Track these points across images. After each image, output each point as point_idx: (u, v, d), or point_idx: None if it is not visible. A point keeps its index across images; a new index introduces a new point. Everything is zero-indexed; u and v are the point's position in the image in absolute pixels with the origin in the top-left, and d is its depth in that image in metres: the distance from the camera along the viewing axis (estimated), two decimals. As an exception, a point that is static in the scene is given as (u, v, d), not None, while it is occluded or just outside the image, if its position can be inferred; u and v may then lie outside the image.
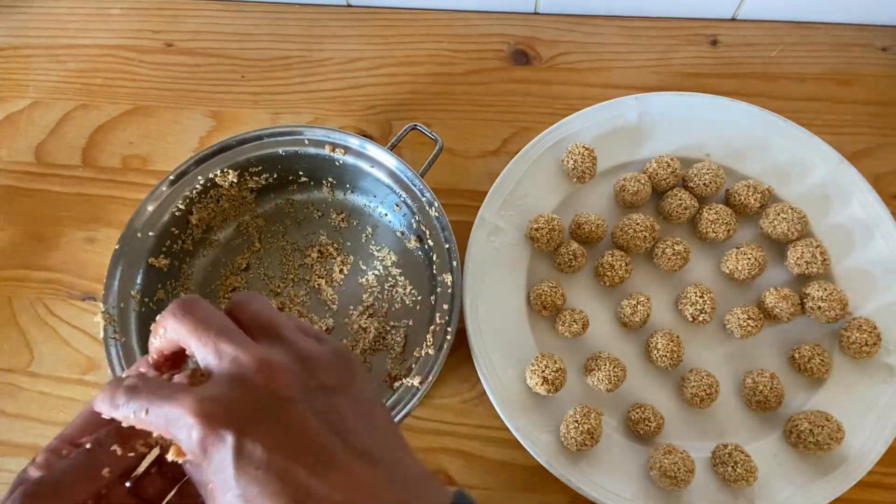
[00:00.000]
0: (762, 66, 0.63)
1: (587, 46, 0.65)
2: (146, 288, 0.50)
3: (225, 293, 0.55)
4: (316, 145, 0.53)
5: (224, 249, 0.57)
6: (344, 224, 0.57)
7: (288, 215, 0.58)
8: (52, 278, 0.59)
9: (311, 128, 0.52)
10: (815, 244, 0.52)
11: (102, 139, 0.64)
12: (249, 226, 0.57)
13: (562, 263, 0.53)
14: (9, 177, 0.63)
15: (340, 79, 0.65)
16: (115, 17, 0.69)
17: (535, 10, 0.66)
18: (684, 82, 0.63)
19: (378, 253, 0.56)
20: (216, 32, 0.68)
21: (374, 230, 0.57)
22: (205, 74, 0.66)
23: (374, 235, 0.57)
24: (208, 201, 0.54)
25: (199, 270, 0.56)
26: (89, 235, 0.61)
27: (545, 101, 0.63)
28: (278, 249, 0.57)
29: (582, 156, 0.54)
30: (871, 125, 0.60)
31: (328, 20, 0.68)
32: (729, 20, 0.65)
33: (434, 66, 0.65)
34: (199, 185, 0.52)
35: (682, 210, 0.53)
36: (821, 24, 0.64)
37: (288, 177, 0.56)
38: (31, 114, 0.66)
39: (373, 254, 0.56)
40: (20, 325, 0.58)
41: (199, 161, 0.52)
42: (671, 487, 0.45)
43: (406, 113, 0.63)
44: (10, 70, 0.68)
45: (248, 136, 0.53)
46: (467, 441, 0.52)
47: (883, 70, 0.62)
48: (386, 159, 0.51)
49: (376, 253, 0.56)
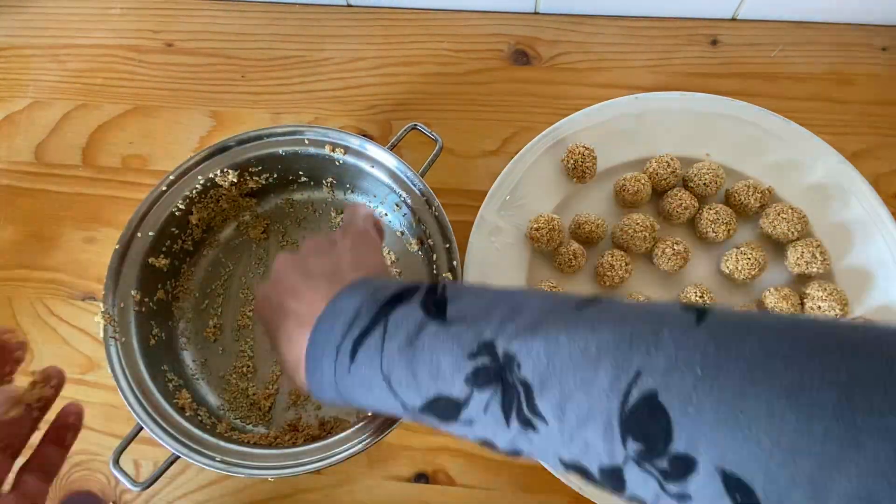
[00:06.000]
0: (762, 66, 0.63)
1: (587, 46, 0.65)
2: (146, 287, 0.50)
3: (225, 293, 0.55)
4: (316, 145, 0.52)
5: (224, 249, 0.57)
6: None
7: (288, 215, 0.58)
8: (52, 278, 0.59)
9: (312, 128, 0.52)
10: (815, 244, 0.52)
11: (102, 139, 0.64)
12: (249, 226, 0.57)
13: (562, 263, 0.53)
14: (9, 177, 0.63)
15: (340, 79, 0.65)
16: (115, 17, 0.69)
17: (535, 10, 0.66)
18: (684, 82, 0.63)
19: (378, 253, 0.56)
20: (216, 32, 0.68)
21: None
22: (205, 74, 0.66)
23: (374, 235, 0.57)
24: (208, 201, 0.54)
25: (200, 270, 0.56)
26: (89, 235, 0.61)
27: (545, 101, 0.63)
28: (278, 249, 0.57)
29: (582, 156, 0.54)
30: (871, 125, 0.60)
31: (328, 20, 0.68)
32: (729, 20, 0.65)
33: (434, 66, 0.65)
34: (199, 184, 0.52)
35: (682, 210, 0.53)
36: (821, 24, 0.64)
37: (288, 177, 0.56)
38: (31, 114, 0.66)
39: (373, 254, 0.56)
40: (20, 325, 0.58)
41: (200, 161, 0.52)
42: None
43: (406, 113, 0.63)
44: (10, 70, 0.68)
45: (248, 136, 0.53)
46: (467, 441, 0.52)
47: (883, 70, 0.62)
48: (386, 159, 0.51)
49: (376, 253, 0.56)
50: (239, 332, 0.54)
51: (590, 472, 0.26)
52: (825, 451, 0.19)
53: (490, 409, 0.28)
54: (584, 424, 0.25)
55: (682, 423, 0.22)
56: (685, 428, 0.22)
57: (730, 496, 0.21)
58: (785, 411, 0.20)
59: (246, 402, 0.52)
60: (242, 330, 0.54)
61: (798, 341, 0.22)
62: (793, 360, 0.21)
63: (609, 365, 0.25)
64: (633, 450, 0.24)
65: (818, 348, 0.21)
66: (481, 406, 0.29)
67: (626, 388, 0.24)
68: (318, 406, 0.52)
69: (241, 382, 0.52)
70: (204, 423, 0.48)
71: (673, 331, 0.24)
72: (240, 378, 0.53)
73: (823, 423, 0.19)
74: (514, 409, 0.27)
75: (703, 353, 0.23)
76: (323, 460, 0.43)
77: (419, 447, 0.52)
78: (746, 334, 0.23)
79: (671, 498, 0.23)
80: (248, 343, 0.54)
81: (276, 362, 0.53)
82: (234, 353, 0.54)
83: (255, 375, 0.53)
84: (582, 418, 0.25)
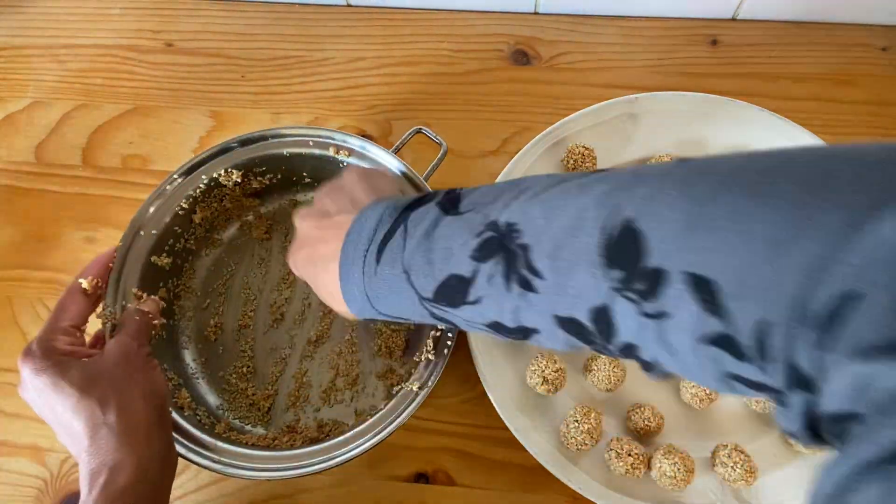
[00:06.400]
0: (762, 66, 0.63)
1: (587, 46, 0.65)
2: (148, 286, 0.50)
3: (227, 292, 0.55)
4: (321, 147, 0.52)
5: (227, 248, 0.57)
6: None
7: (291, 216, 0.58)
8: (52, 278, 0.59)
9: (316, 129, 0.52)
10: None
11: (102, 139, 0.64)
12: (252, 226, 0.57)
13: (562, 263, 0.53)
14: (9, 177, 0.63)
15: (340, 79, 0.65)
16: (115, 17, 0.69)
17: (535, 10, 0.66)
18: (684, 82, 0.63)
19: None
20: (216, 32, 0.68)
21: None
22: (205, 74, 0.66)
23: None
24: (212, 200, 0.54)
25: (202, 269, 0.56)
26: (89, 235, 0.61)
27: (545, 101, 0.63)
28: (280, 250, 0.57)
29: (582, 156, 0.54)
30: (871, 125, 0.60)
31: (328, 20, 0.68)
32: (729, 20, 0.65)
33: (434, 66, 0.65)
34: (202, 184, 0.52)
35: (682, 210, 0.53)
36: (821, 24, 0.64)
37: (292, 178, 0.56)
38: (31, 114, 0.66)
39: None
40: (20, 325, 0.58)
41: (204, 160, 0.52)
42: (671, 488, 0.45)
43: (406, 113, 0.63)
44: (10, 70, 0.68)
45: (253, 136, 0.53)
46: (467, 441, 0.52)
47: (883, 70, 0.62)
48: (390, 162, 0.51)
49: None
50: (239, 332, 0.54)
51: (583, 325, 0.28)
52: (781, 233, 0.21)
53: (494, 279, 0.30)
54: (575, 267, 0.27)
55: (654, 239, 0.24)
56: (657, 243, 0.24)
57: (694, 296, 0.23)
58: (749, 206, 0.22)
59: (245, 402, 0.52)
60: (243, 330, 0.54)
61: (769, 159, 0.24)
62: (761, 173, 0.23)
63: (593, 207, 0.27)
64: (616, 278, 0.25)
65: (784, 163, 0.23)
66: (486, 277, 0.30)
67: (607, 223, 0.26)
68: (316, 408, 0.52)
69: (240, 382, 0.52)
70: (202, 422, 0.48)
71: (654, 169, 0.27)
72: (239, 378, 0.53)
73: (781, 211, 0.21)
74: (514, 272, 0.29)
75: (681, 180, 0.25)
76: (321, 463, 0.43)
77: (419, 447, 0.52)
78: (720, 162, 0.25)
79: (651, 320, 0.25)
80: (249, 343, 0.54)
81: (275, 362, 0.53)
82: (234, 352, 0.54)
83: (255, 376, 0.53)
84: (573, 262, 0.27)
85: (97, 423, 0.37)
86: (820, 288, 0.20)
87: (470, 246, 0.31)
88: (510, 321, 0.31)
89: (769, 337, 0.22)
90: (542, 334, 0.31)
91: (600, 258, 0.26)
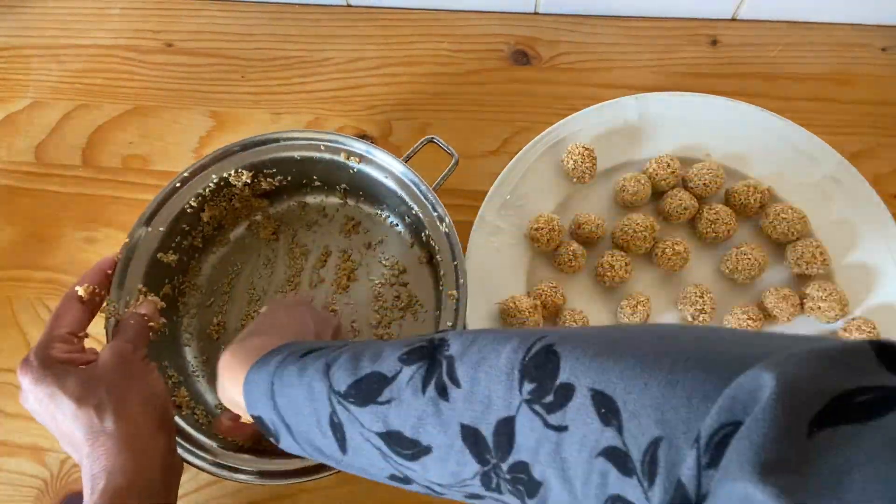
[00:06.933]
0: (762, 66, 0.63)
1: (587, 46, 0.65)
2: (153, 283, 0.50)
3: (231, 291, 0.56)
4: (332, 152, 0.52)
5: (234, 248, 0.57)
6: (354, 231, 0.57)
7: (299, 218, 0.58)
8: (52, 278, 0.59)
9: (328, 133, 0.52)
10: (815, 244, 0.52)
11: (102, 139, 0.64)
12: (260, 226, 0.57)
13: (562, 263, 0.53)
14: (9, 177, 0.63)
15: (340, 79, 0.65)
16: (115, 17, 0.69)
17: (535, 10, 0.66)
18: (684, 82, 0.63)
19: (386, 262, 0.56)
20: (216, 32, 0.68)
21: (384, 240, 0.57)
22: (205, 74, 0.66)
23: (383, 245, 0.56)
24: (221, 200, 0.54)
25: (207, 267, 0.56)
26: (89, 235, 0.61)
27: (545, 101, 0.63)
28: (287, 252, 0.57)
29: (582, 156, 0.54)
30: (871, 125, 0.60)
31: (328, 20, 0.68)
32: (729, 20, 0.65)
33: (434, 66, 0.65)
34: (212, 183, 0.52)
35: (682, 210, 0.53)
36: (821, 24, 0.64)
37: (302, 180, 0.56)
38: (31, 114, 0.66)
39: (381, 263, 0.56)
40: (20, 325, 0.58)
41: (214, 160, 0.52)
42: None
43: (406, 113, 0.63)
44: (10, 70, 0.68)
45: (266, 137, 0.52)
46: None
47: (883, 70, 0.62)
48: (401, 171, 0.51)
49: (384, 262, 0.56)
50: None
51: (484, 437, 0.29)
52: (677, 375, 0.24)
53: (412, 380, 0.31)
54: (493, 378, 0.29)
55: (568, 359, 0.28)
56: (570, 363, 0.27)
57: (596, 409, 0.26)
58: (652, 352, 0.26)
59: (246, 402, 0.52)
60: (243, 330, 0.54)
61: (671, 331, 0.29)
62: (663, 337, 0.28)
63: (517, 336, 0.30)
64: (528, 391, 0.28)
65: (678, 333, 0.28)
66: (406, 378, 0.32)
67: (531, 345, 0.29)
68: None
69: (240, 382, 0.52)
70: (199, 421, 0.48)
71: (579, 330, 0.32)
72: (240, 378, 0.53)
73: (658, 364, 0.25)
74: (433, 378, 0.31)
75: (597, 333, 0.30)
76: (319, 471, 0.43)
77: (419, 447, 0.52)
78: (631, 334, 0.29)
79: (553, 432, 0.27)
80: (249, 343, 0.54)
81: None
82: (234, 353, 0.54)
83: (255, 375, 0.53)
84: (491, 375, 0.29)
85: (96, 430, 0.38)
86: (708, 414, 0.22)
87: (401, 350, 0.33)
88: (410, 431, 0.31)
89: (660, 452, 0.23)
90: (433, 455, 0.31)
91: (518, 372, 0.29)
